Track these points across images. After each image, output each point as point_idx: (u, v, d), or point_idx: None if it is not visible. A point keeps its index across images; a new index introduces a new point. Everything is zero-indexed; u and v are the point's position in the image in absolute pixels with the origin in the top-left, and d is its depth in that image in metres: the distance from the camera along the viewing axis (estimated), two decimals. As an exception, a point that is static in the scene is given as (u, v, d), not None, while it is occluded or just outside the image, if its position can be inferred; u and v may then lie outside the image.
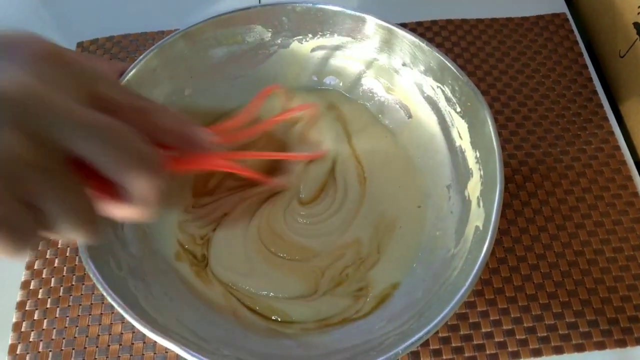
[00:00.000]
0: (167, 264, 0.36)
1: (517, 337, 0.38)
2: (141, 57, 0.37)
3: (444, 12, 0.54)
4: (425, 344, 0.38)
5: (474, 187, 0.34)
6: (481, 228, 0.30)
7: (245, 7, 0.39)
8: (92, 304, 0.40)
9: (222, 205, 0.39)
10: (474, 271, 0.27)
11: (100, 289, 0.28)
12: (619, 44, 0.49)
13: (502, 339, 0.38)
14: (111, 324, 0.39)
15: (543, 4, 0.55)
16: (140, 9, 0.56)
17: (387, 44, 0.39)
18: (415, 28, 0.53)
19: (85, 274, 0.41)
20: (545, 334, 0.38)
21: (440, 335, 0.38)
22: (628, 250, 0.41)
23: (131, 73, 0.36)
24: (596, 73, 0.51)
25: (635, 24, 0.46)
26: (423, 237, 0.37)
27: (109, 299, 0.28)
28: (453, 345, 0.38)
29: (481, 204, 0.32)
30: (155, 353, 0.38)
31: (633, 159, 0.46)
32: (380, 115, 0.43)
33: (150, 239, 0.37)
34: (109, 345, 0.38)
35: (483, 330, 0.38)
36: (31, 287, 0.41)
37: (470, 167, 0.35)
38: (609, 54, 0.51)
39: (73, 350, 0.38)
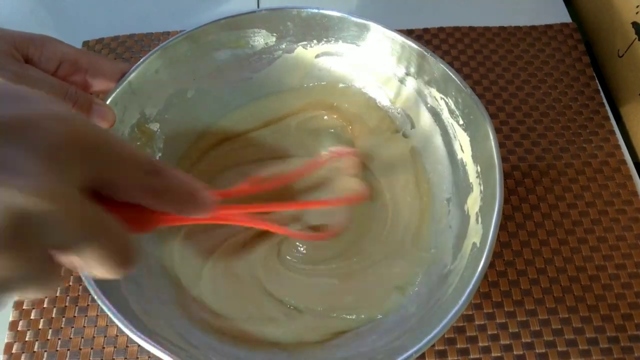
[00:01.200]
0: (160, 267, 0.36)
1: (515, 352, 0.37)
2: (144, 58, 0.37)
3: (451, 19, 0.54)
4: (421, 356, 0.37)
5: (473, 202, 0.33)
6: (478, 245, 0.30)
7: (251, 11, 0.39)
8: (88, 305, 0.40)
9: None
10: (468, 289, 0.27)
11: (91, 290, 0.28)
12: (618, 44, 0.49)
13: (499, 354, 0.37)
14: (107, 326, 0.39)
15: (552, 14, 0.55)
16: (146, 10, 0.56)
17: (392, 53, 0.38)
18: (422, 35, 0.53)
19: (82, 274, 0.41)
20: (543, 351, 0.37)
21: (436, 348, 0.38)
22: (631, 267, 0.40)
23: (133, 74, 0.36)
24: (595, 72, 0.50)
25: (634, 24, 0.46)
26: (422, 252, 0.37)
27: (99, 301, 0.28)
28: (449, 359, 0.37)
29: (480, 220, 0.32)
30: (149, 357, 0.38)
31: (632, 159, 0.45)
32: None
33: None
34: (103, 348, 0.38)
35: (480, 344, 0.38)
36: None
37: (470, 181, 0.34)
38: (607, 54, 0.51)
39: (68, 351, 0.38)
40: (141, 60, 0.37)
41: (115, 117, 0.33)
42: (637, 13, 0.46)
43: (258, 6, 0.55)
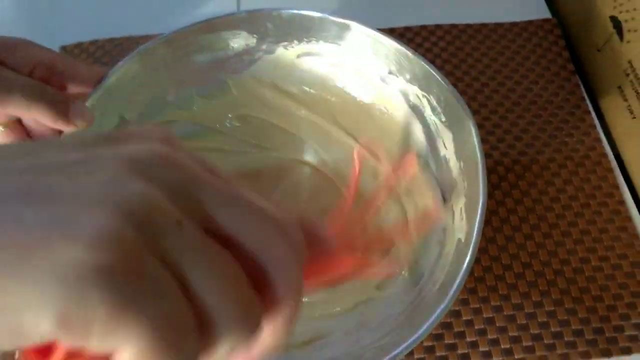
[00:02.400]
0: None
1: (502, 346, 0.38)
2: (121, 62, 0.36)
3: (432, 17, 0.54)
4: (410, 353, 0.37)
5: (457, 199, 0.33)
6: (463, 241, 0.30)
7: (230, 13, 0.39)
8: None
9: None
10: (455, 285, 0.27)
11: None
12: (596, 38, 0.49)
13: (487, 349, 0.38)
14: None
15: (532, 10, 0.55)
16: (125, 13, 0.55)
17: (373, 51, 0.38)
18: (403, 33, 0.53)
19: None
20: (530, 344, 0.38)
21: (424, 344, 0.38)
22: (614, 259, 0.41)
23: (111, 78, 0.36)
24: (574, 67, 0.51)
25: (612, 18, 0.47)
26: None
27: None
28: (437, 354, 0.37)
29: (464, 216, 0.32)
30: None
31: (612, 152, 0.46)
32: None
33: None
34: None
35: (468, 339, 0.38)
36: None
37: (454, 177, 0.35)
38: (586, 48, 0.51)
39: None
40: (118, 64, 0.36)
41: (93, 117, 0.33)
42: (614, 7, 0.46)
43: (238, 8, 0.55)
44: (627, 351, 0.37)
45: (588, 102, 0.49)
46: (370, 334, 0.32)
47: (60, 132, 0.33)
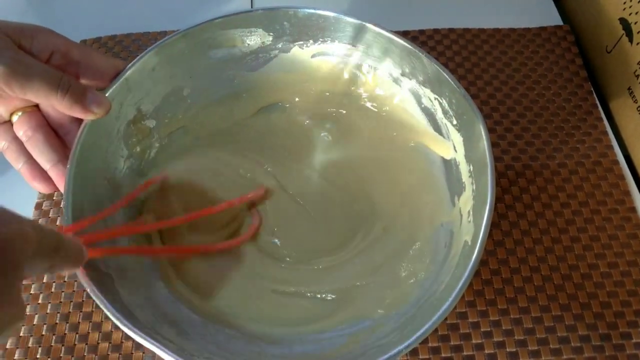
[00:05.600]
0: (154, 262, 0.36)
1: (508, 349, 0.38)
2: (141, 55, 0.37)
3: (446, 21, 0.54)
4: (415, 353, 0.38)
5: (465, 201, 0.34)
6: (469, 243, 0.30)
7: (247, 10, 0.39)
8: (83, 301, 0.40)
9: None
10: (458, 287, 0.27)
11: (85, 284, 0.28)
12: (606, 40, 0.49)
13: (492, 351, 0.38)
14: (101, 321, 0.39)
15: (544, 16, 0.55)
16: (143, 9, 0.56)
17: (387, 53, 0.39)
18: (417, 36, 0.53)
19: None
20: (536, 348, 0.38)
21: (430, 345, 0.38)
22: (623, 265, 0.41)
23: (130, 71, 0.36)
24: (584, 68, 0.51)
25: (621, 20, 0.47)
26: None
27: (91, 294, 0.28)
28: (443, 355, 0.37)
29: (471, 218, 0.32)
30: (143, 352, 0.38)
31: (622, 153, 0.46)
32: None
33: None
34: (98, 343, 0.38)
35: (474, 341, 0.38)
36: (24, 282, 0.41)
37: (463, 180, 0.35)
38: (595, 50, 0.51)
39: (62, 347, 0.38)
40: (138, 57, 0.37)
41: (110, 106, 0.33)
42: (624, 9, 0.46)
43: (252, 6, 0.56)
44: (635, 358, 0.37)
45: (600, 109, 0.49)
46: (373, 332, 0.32)
47: (78, 119, 0.34)
